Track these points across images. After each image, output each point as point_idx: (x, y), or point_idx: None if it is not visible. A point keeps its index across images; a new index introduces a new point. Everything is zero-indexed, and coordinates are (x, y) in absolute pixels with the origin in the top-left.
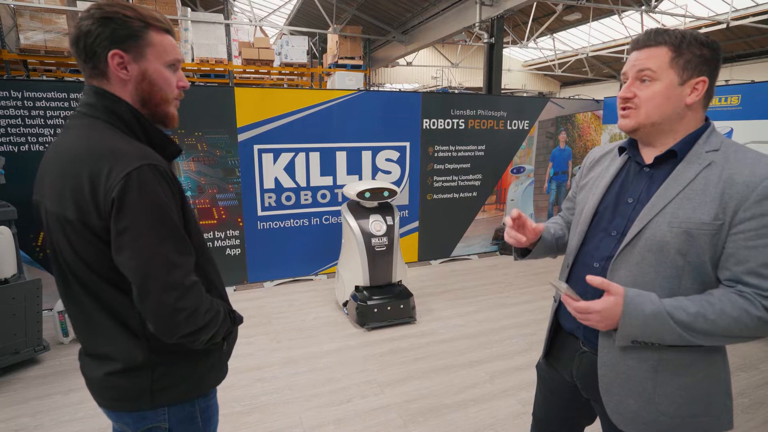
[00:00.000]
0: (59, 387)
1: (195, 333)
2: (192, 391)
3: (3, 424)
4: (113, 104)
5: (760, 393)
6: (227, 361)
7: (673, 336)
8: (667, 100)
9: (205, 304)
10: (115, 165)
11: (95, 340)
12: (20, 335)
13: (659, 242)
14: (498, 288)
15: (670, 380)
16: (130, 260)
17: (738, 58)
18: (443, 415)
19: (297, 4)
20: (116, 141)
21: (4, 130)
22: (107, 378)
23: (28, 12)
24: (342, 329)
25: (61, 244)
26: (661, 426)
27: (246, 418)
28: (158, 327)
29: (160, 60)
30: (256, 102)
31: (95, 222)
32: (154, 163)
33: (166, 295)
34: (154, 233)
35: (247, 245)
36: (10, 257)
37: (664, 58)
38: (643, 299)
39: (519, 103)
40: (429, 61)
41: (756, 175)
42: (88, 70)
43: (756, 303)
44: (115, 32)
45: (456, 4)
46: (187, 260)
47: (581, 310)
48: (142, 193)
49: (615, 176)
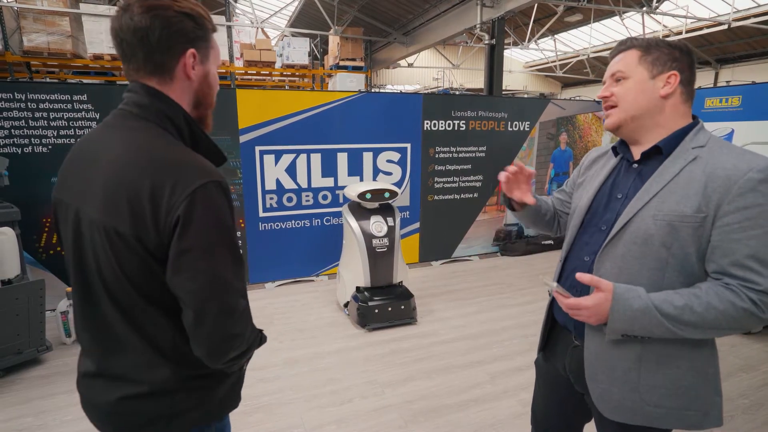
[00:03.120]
0: (62, 387)
1: (239, 357)
2: (207, 417)
3: (6, 423)
4: (168, 108)
5: (760, 394)
6: (241, 388)
7: (662, 329)
8: (640, 93)
9: (250, 327)
10: (180, 179)
11: (114, 358)
12: (23, 335)
13: (644, 235)
14: (499, 289)
15: (654, 371)
16: (189, 281)
17: (740, 59)
18: (444, 415)
19: (298, 6)
20: (174, 149)
21: (8, 132)
22: (122, 402)
23: (32, 14)
24: (343, 330)
25: (101, 255)
26: (646, 415)
27: (248, 418)
28: (210, 351)
29: (216, 63)
30: (258, 103)
31: (151, 238)
32: (218, 179)
33: (223, 319)
34: (217, 255)
35: (248, 246)
36: (14, 258)
37: (633, 58)
38: (632, 294)
39: (520, 104)
40: (430, 62)
41: (738, 169)
42: (151, 65)
43: (742, 295)
44: (196, 30)
45: (457, 6)
46: (243, 283)
47: (572, 306)
48: (207, 212)
49: (608, 175)
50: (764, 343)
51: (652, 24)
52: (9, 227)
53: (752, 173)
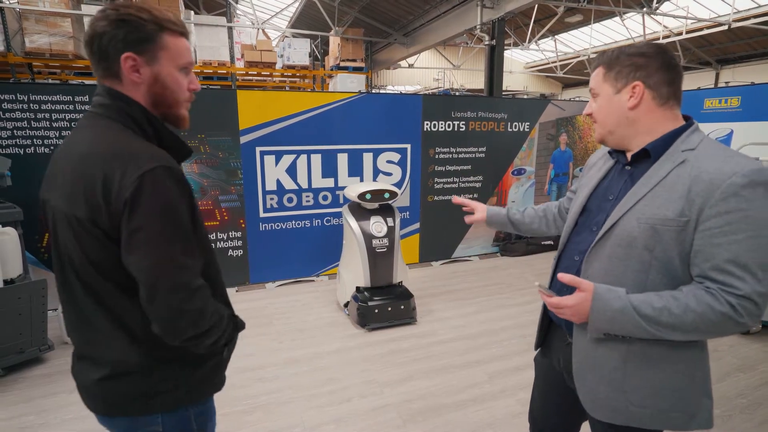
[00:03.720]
0: (64, 386)
1: (199, 336)
2: (187, 397)
3: (8, 422)
4: (126, 105)
5: (758, 393)
6: (225, 370)
7: (640, 330)
8: (609, 109)
9: (210, 307)
10: (129, 166)
11: (91, 342)
12: (26, 334)
13: (628, 237)
14: (498, 289)
15: (639, 371)
16: (140, 260)
17: (740, 60)
18: (442, 414)
19: (299, 6)
20: (130, 142)
21: (11, 133)
22: (101, 383)
23: (34, 16)
24: (343, 330)
25: (68, 243)
26: (632, 415)
27: (247, 417)
28: (164, 328)
29: (173, 63)
30: (259, 104)
31: (106, 221)
32: (168, 164)
33: (174, 296)
34: (165, 235)
35: (249, 246)
36: (16, 258)
37: (600, 75)
38: (611, 295)
39: (519, 105)
40: (431, 62)
41: (722, 173)
42: (102, 70)
43: (720, 299)
44: (129, 35)
45: (457, 7)
46: (195, 263)
47: (554, 305)
48: (155, 194)
49: (603, 177)
50: (763, 342)
51: (652, 24)
52: (11, 227)
53: (735, 177)
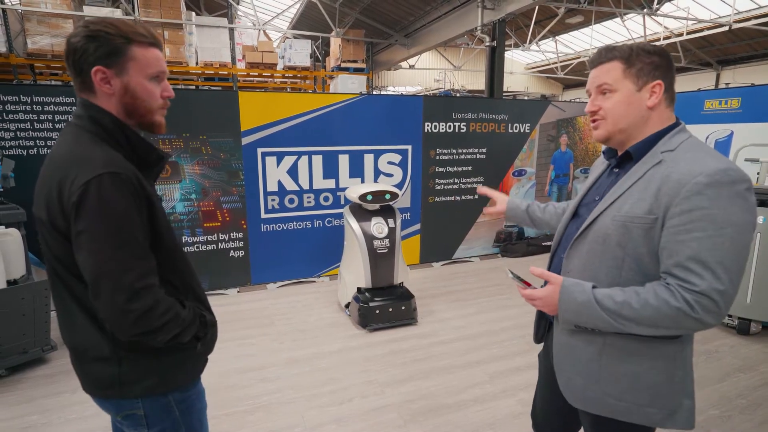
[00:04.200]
0: (66, 386)
1: (149, 333)
2: (159, 386)
3: (12, 421)
4: (97, 114)
5: (758, 394)
6: (202, 361)
7: (605, 323)
8: (629, 106)
9: (162, 306)
10: (79, 172)
11: (71, 331)
12: (29, 335)
13: (603, 234)
14: (499, 290)
15: (614, 365)
16: (85, 261)
17: (741, 60)
18: (443, 414)
19: (300, 8)
20: (88, 149)
21: (14, 134)
22: (82, 367)
23: (36, 17)
24: (344, 330)
25: (42, 244)
26: (608, 407)
27: (249, 417)
28: (110, 325)
29: (143, 74)
30: (260, 106)
31: (61, 223)
32: (116, 171)
33: (116, 296)
34: (107, 237)
35: (250, 247)
36: (19, 259)
37: (617, 71)
38: (577, 288)
39: (520, 106)
40: (432, 63)
41: (690, 173)
42: (78, 84)
43: (677, 294)
44: (98, 50)
45: (458, 8)
46: (142, 264)
47: (527, 296)
48: (99, 199)
49: (597, 178)
50: (763, 343)
51: (652, 25)
52: (15, 228)
53: (700, 177)
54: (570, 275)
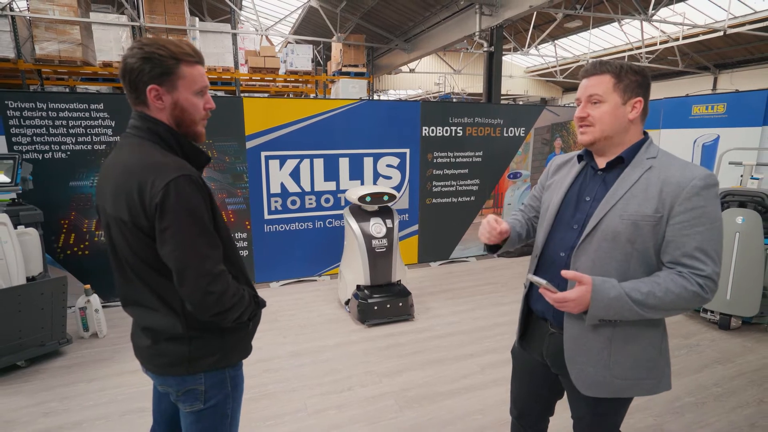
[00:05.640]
0: (83, 376)
1: (223, 313)
2: (221, 361)
3: (33, 408)
4: (155, 126)
5: (733, 383)
6: (251, 340)
7: (632, 312)
8: (614, 117)
9: (232, 288)
10: (157, 176)
11: (145, 316)
12: (46, 329)
13: (613, 232)
14: (494, 288)
15: (622, 348)
16: (171, 252)
17: (738, 65)
18: (436, 401)
19: (302, 13)
20: (158, 156)
21: (30, 139)
22: (153, 347)
23: (44, 23)
24: (344, 326)
25: (119, 240)
26: (615, 387)
27: (256, 404)
28: (194, 306)
29: (189, 90)
30: (264, 111)
31: (143, 222)
32: (188, 173)
33: (200, 280)
34: (189, 231)
35: (254, 247)
36: (38, 256)
37: (608, 84)
38: (607, 285)
39: (515, 111)
40: (432, 67)
41: (685, 177)
42: (133, 98)
43: (691, 280)
44: (152, 70)
45: (456, 14)
46: (216, 252)
47: (558, 300)
48: (178, 198)
49: (574, 179)
50: (743, 338)
51: (650, 30)
52: (33, 228)
53: (696, 181)
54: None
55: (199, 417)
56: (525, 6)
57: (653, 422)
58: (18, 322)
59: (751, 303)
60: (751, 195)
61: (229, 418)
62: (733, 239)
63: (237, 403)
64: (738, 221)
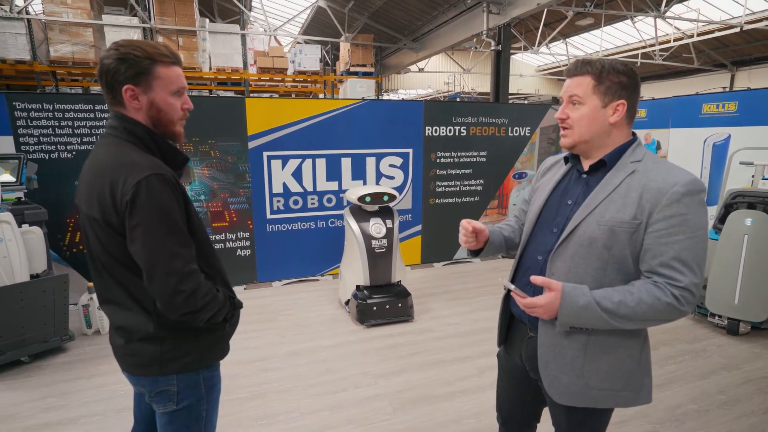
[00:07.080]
0: (83, 372)
1: (194, 312)
2: (195, 363)
3: (34, 403)
4: (131, 126)
5: (738, 391)
6: (229, 341)
7: (602, 322)
8: (593, 120)
9: (203, 288)
10: (129, 175)
11: (118, 315)
12: (49, 325)
13: (589, 238)
14: (496, 289)
15: (597, 358)
16: (140, 250)
17: (756, 61)
18: (431, 404)
19: (310, 14)
20: (132, 155)
21: (37, 140)
22: (126, 346)
23: (58, 26)
24: (343, 326)
25: (92, 238)
26: (589, 398)
27: (248, 403)
28: (162, 305)
29: (166, 90)
30: (266, 111)
31: (114, 220)
32: (160, 172)
33: (168, 279)
34: (159, 228)
35: (256, 246)
36: (41, 254)
37: (588, 86)
38: (577, 292)
39: (520, 110)
40: (441, 67)
41: (666, 183)
42: (110, 99)
43: (666, 291)
44: (128, 70)
45: (464, 13)
46: (188, 251)
47: (527, 305)
48: (149, 196)
49: (559, 181)
50: (750, 343)
51: (664, 26)
52: (38, 226)
53: (677, 187)
54: (554, 277)
55: (172, 418)
56: (533, 4)
57: (651, 429)
58: (21, 319)
59: (760, 307)
60: (762, 196)
61: (203, 420)
62: (742, 242)
63: (212, 405)
64: (747, 223)
